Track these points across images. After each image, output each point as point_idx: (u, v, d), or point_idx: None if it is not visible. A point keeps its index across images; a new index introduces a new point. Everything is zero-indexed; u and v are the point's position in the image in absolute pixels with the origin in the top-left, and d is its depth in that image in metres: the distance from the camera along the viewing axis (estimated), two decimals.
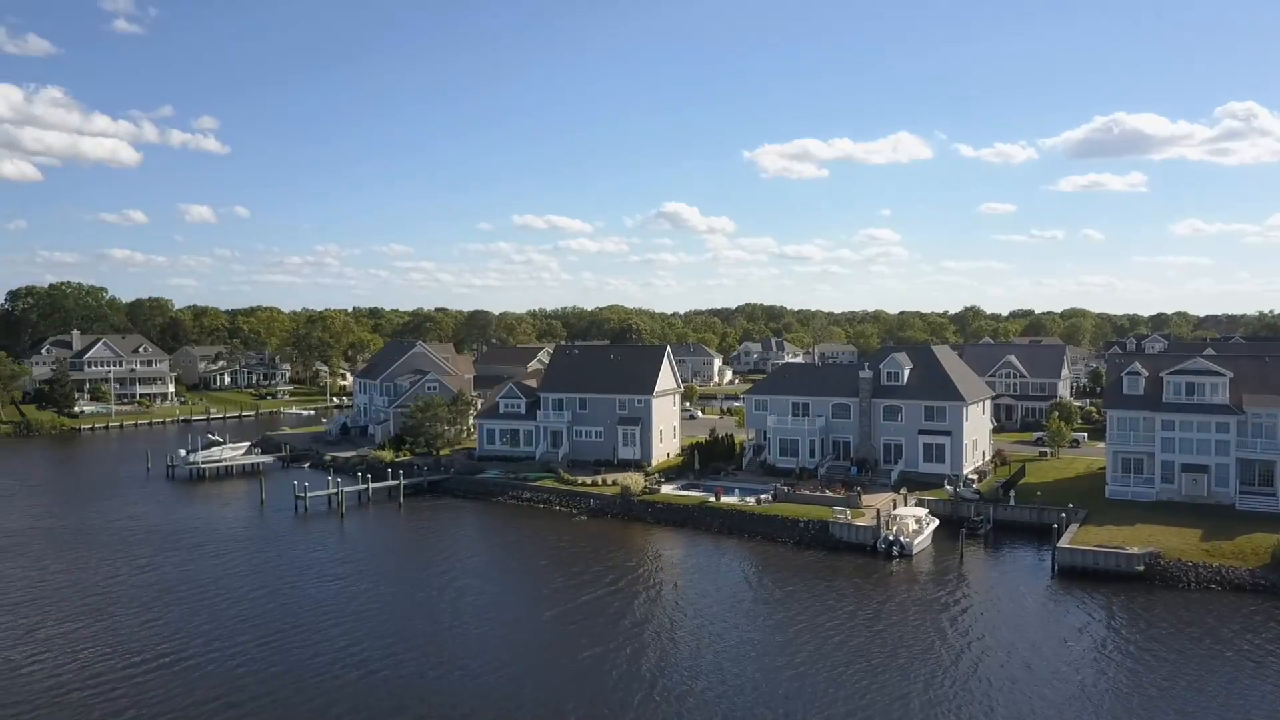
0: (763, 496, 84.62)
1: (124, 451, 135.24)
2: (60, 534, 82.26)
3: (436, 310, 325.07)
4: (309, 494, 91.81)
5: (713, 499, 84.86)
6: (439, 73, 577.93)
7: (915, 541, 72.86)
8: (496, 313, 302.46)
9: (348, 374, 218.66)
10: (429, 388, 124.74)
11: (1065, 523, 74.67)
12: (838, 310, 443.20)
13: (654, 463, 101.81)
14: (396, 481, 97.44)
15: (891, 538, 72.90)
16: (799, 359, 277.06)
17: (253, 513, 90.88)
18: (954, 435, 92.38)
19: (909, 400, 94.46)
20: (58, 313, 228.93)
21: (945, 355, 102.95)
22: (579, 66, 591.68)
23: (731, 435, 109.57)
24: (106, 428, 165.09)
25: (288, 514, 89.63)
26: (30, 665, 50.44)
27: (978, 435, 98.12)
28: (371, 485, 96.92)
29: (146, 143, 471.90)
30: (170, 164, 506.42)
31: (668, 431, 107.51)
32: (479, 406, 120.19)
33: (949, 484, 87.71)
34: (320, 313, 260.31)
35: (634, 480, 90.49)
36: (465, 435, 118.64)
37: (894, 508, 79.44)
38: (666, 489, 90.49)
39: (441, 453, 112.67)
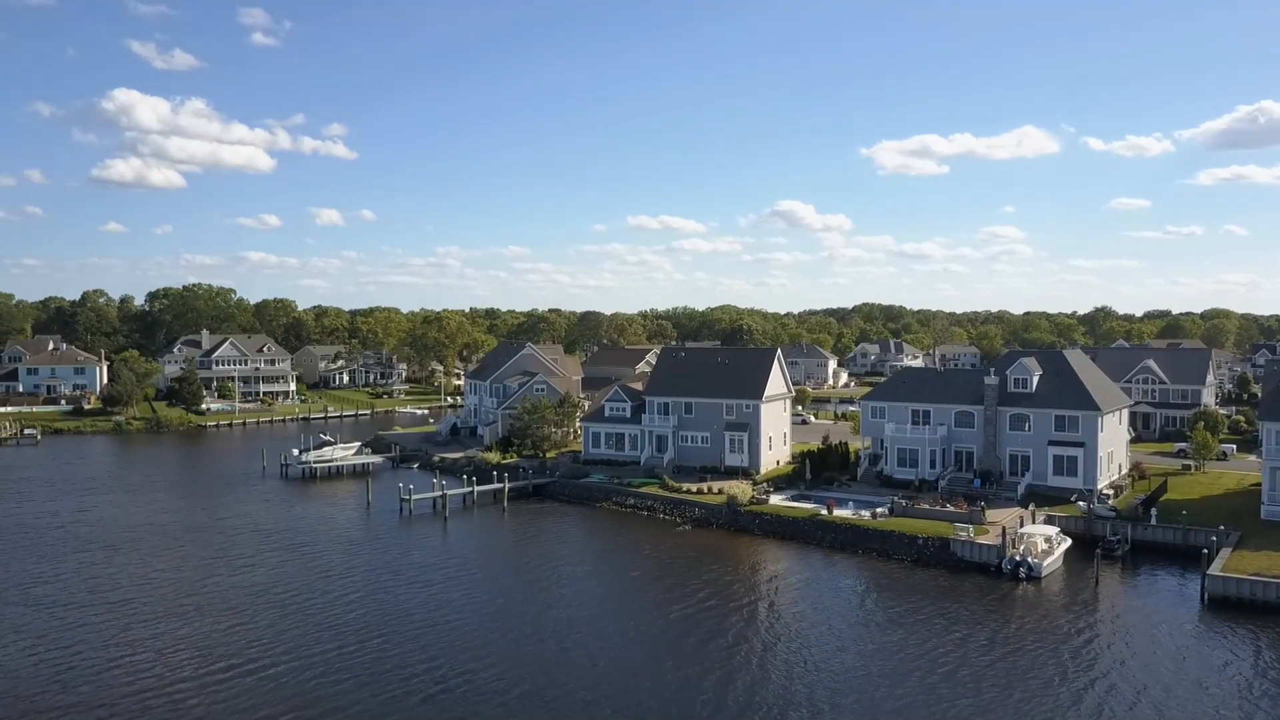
0: (879, 510, 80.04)
1: (244, 449, 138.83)
2: (171, 530, 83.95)
3: (550, 311, 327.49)
4: (414, 496, 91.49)
5: (825, 511, 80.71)
6: (553, 77, 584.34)
7: (1045, 563, 67.35)
8: (609, 313, 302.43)
9: (462, 374, 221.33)
10: (537, 389, 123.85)
11: (1216, 546, 67.92)
12: (959, 310, 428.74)
13: (763, 471, 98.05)
14: (501, 485, 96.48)
15: (1018, 558, 67.59)
16: (918, 361, 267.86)
17: (358, 514, 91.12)
18: (1087, 446, 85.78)
19: (1038, 408, 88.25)
20: (190, 313, 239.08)
21: (1078, 360, 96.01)
22: (690, 65, 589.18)
23: (846, 443, 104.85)
24: (230, 425, 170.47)
25: (392, 516, 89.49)
26: (117, 666, 50.63)
27: (1113, 447, 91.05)
28: (476, 488, 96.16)
29: (280, 150, 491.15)
30: (302, 170, 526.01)
31: (778, 438, 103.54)
32: (586, 409, 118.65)
33: (1081, 500, 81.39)
34: (437, 313, 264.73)
35: (741, 489, 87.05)
36: (572, 438, 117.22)
37: (1021, 525, 73.86)
38: (775, 499, 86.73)
39: (548, 455, 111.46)
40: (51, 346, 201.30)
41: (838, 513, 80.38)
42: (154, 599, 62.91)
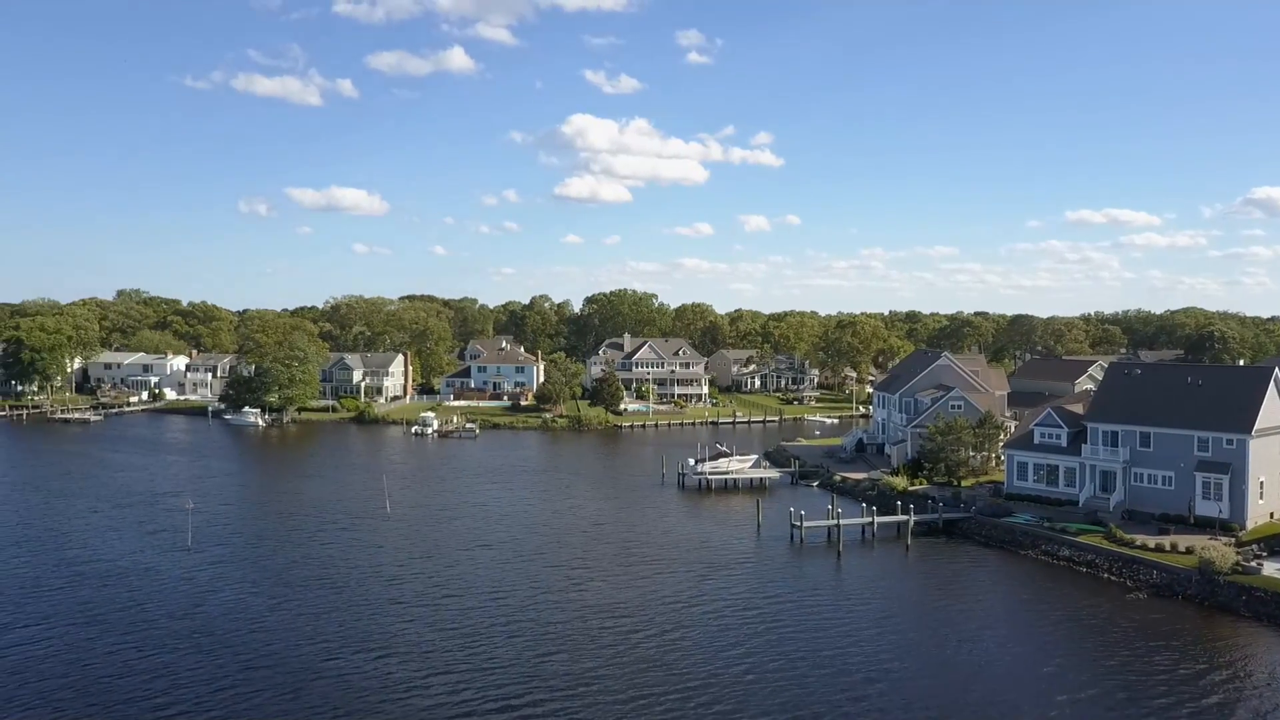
0: None
1: (652, 453, 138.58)
2: (548, 531, 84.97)
3: (975, 314, 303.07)
4: (805, 523, 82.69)
5: None
6: (980, 68, 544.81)
7: None
8: (1043, 317, 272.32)
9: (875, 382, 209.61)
10: (952, 406, 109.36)
11: None
12: None
13: (1250, 526, 75.96)
14: (906, 517, 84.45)
15: None
16: None
17: (743, 536, 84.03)
18: None
19: None
20: (617, 317, 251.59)
21: None
22: (1135, 39, 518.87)
23: None
24: (644, 426, 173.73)
25: (781, 543, 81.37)
26: (424, 685, 48.65)
27: None
28: (876, 519, 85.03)
29: (712, 161, 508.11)
30: (732, 179, 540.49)
31: (1271, 483, 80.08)
32: (1011, 431, 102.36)
33: None
34: (851, 317, 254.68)
35: (1220, 551, 67.09)
36: (993, 465, 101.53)
37: None
38: (1271, 568, 65.69)
39: (962, 485, 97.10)
40: (499, 347, 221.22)
41: None
42: (498, 609, 61.65)
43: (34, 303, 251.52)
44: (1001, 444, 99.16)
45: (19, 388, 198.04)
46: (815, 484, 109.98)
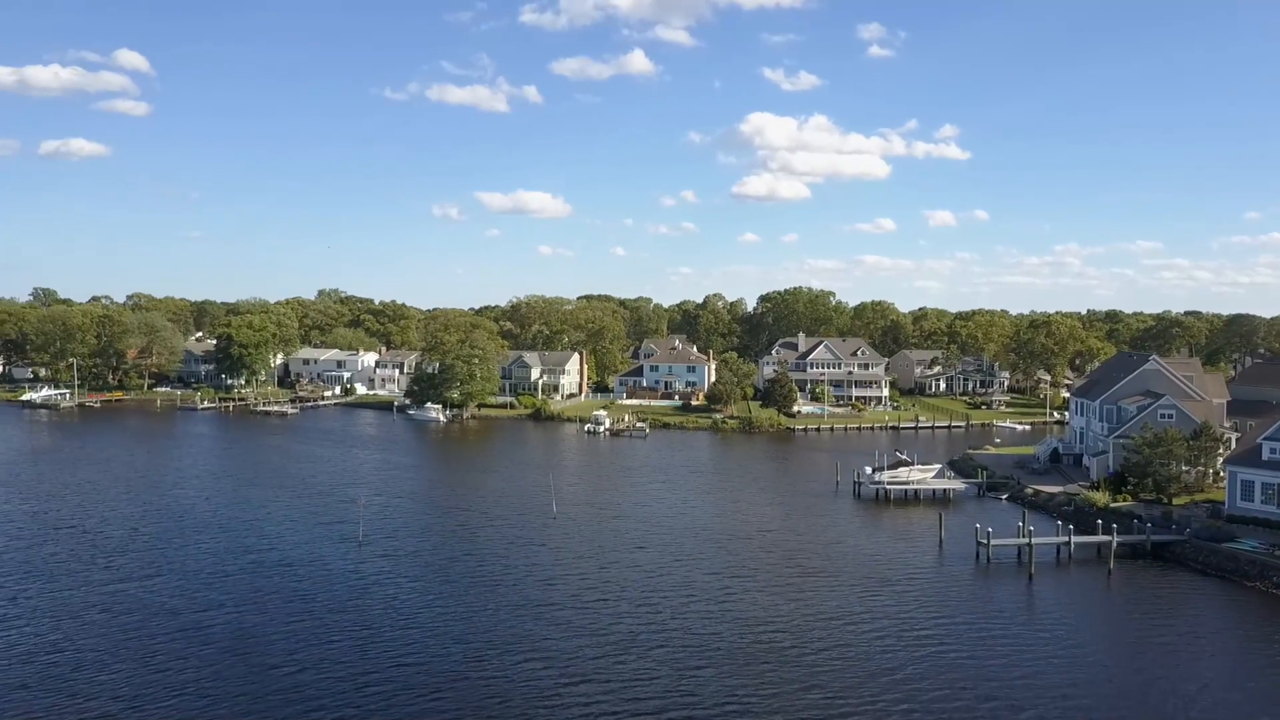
0: None
1: (826, 459, 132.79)
2: (708, 535, 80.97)
3: (1186, 314, 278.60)
4: (992, 541, 75.91)
5: None
6: (1188, 51, 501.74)
7: None
8: (1267, 317, 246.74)
9: (1071, 386, 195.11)
10: (1162, 415, 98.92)
11: None
12: None
13: None
14: (1108, 538, 76.31)
15: None
16: None
17: (922, 552, 78.01)
18: None
19: None
20: (791, 315, 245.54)
21: None
22: None
23: None
24: (818, 429, 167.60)
25: (966, 562, 74.98)
26: (560, 695, 46.46)
27: None
28: (1073, 539, 77.25)
29: (894, 156, 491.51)
30: (915, 174, 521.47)
31: None
32: (1232, 445, 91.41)
33: None
34: (1045, 317, 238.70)
35: None
36: (1210, 482, 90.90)
37: None
38: None
39: (1174, 502, 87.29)
40: (671, 346, 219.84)
41: None
42: (650, 616, 59.68)
43: (246, 302, 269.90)
44: (1222, 459, 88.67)
45: (229, 381, 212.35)
46: (1005, 497, 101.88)
